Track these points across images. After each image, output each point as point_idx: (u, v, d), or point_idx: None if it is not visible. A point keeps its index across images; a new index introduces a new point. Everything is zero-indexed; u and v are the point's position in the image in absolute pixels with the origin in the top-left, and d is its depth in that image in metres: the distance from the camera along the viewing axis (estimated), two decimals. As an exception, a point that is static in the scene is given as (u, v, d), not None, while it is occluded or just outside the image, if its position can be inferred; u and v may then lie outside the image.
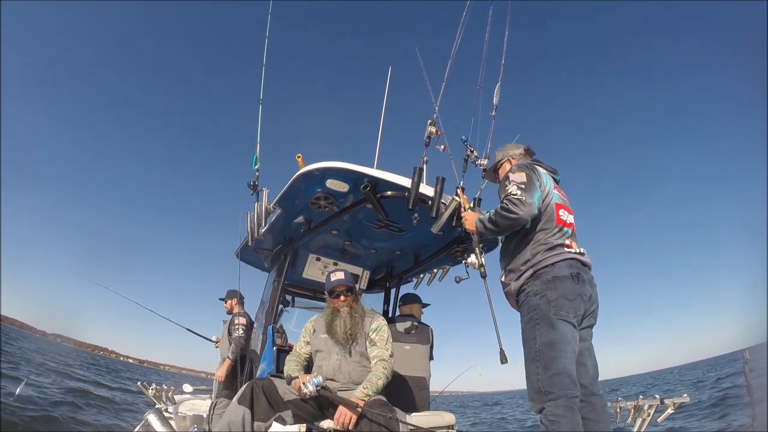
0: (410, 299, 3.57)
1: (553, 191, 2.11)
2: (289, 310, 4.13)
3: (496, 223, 2.01)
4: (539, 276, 1.95)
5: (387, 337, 2.46)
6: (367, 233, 3.19)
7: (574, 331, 1.88)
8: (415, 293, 3.74)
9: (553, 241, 1.99)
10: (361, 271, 3.77)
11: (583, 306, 1.92)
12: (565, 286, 1.89)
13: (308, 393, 2.14)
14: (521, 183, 2.00)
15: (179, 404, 4.59)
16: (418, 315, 3.47)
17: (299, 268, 3.62)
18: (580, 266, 1.98)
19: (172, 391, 5.05)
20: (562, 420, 1.69)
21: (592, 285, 2.00)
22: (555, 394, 1.74)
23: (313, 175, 2.46)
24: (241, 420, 2.13)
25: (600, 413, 1.92)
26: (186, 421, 4.16)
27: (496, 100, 2.70)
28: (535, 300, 1.92)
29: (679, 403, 2.66)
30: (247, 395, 2.20)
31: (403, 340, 3.10)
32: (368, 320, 2.52)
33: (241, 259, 3.76)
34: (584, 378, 1.91)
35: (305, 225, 3.02)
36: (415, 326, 3.21)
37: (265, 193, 2.78)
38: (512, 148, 2.42)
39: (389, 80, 3.33)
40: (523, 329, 1.96)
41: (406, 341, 3.12)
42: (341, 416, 2.07)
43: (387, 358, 2.38)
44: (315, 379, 2.17)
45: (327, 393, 2.16)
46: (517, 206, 1.93)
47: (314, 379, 2.17)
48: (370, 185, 2.47)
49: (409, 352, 3.10)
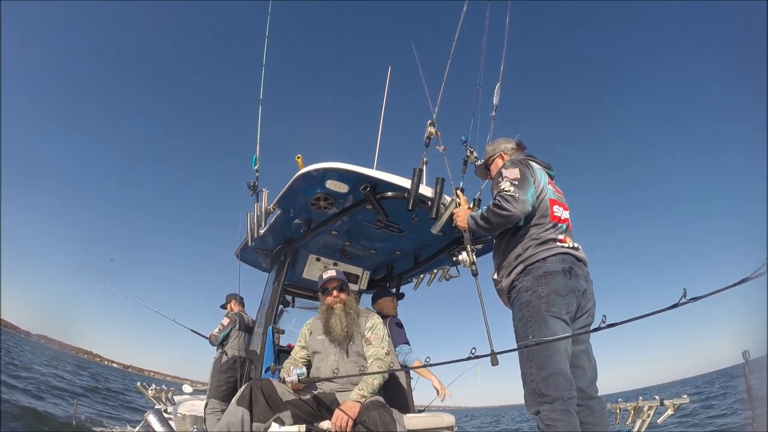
0: (378, 295, 3.48)
1: (548, 187, 2.06)
2: (289, 311, 4.14)
3: (488, 220, 1.97)
4: (530, 271, 1.89)
5: (383, 336, 2.45)
6: (367, 234, 3.19)
7: (566, 329, 1.82)
8: (383, 288, 3.69)
9: (545, 236, 1.94)
10: (361, 272, 3.77)
11: (576, 301, 1.86)
12: (556, 281, 1.83)
13: (290, 382, 2.26)
14: (514, 179, 1.95)
15: (178, 405, 4.60)
16: (390, 310, 3.40)
17: (299, 269, 3.62)
18: (574, 261, 1.92)
19: (172, 391, 5.06)
20: (559, 424, 1.65)
21: (587, 280, 1.94)
22: (551, 397, 1.69)
23: (313, 176, 2.46)
24: (240, 421, 2.13)
25: (598, 417, 1.87)
26: (185, 421, 4.17)
27: (495, 101, 2.69)
28: (526, 296, 1.86)
29: (679, 404, 2.67)
30: (246, 396, 2.20)
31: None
32: (363, 319, 2.51)
33: (241, 259, 3.76)
34: (581, 381, 1.85)
35: (305, 225, 3.02)
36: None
37: (264, 194, 2.77)
38: (503, 142, 2.36)
39: (389, 81, 3.33)
40: (516, 328, 1.91)
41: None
42: (338, 419, 2.06)
43: (383, 357, 2.36)
44: (297, 369, 2.27)
45: (307, 380, 2.27)
46: (510, 203, 1.88)
47: (296, 369, 2.27)
48: (370, 186, 2.46)
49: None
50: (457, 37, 2.71)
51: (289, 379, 2.25)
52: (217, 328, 4.57)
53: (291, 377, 2.25)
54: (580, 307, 1.90)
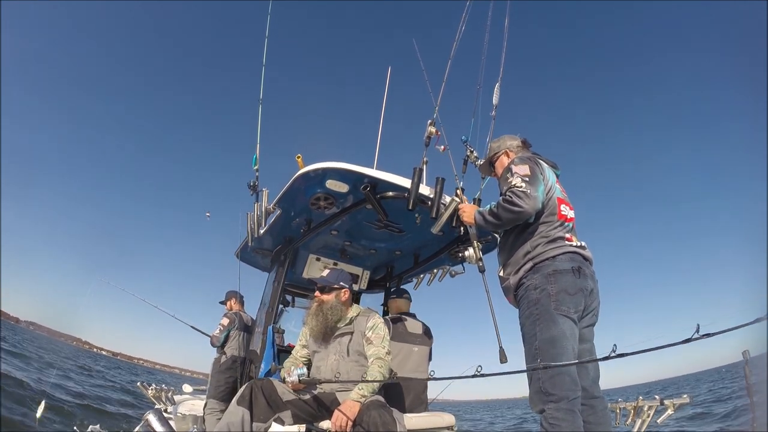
0: (399, 293, 3.48)
1: (555, 185, 2.05)
2: (289, 311, 4.14)
3: (498, 216, 1.93)
4: (539, 269, 1.87)
5: (383, 335, 2.44)
6: (367, 233, 3.19)
7: (574, 328, 1.81)
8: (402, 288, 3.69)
9: (554, 234, 1.92)
10: (361, 272, 3.77)
11: (584, 301, 1.85)
12: (566, 279, 1.82)
13: (291, 382, 2.25)
14: (525, 175, 1.92)
15: (179, 404, 4.59)
16: (407, 310, 3.41)
17: (299, 269, 3.62)
18: (582, 260, 1.91)
19: (172, 391, 5.06)
20: (563, 423, 1.64)
21: (593, 280, 1.93)
22: (556, 396, 1.68)
23: (313, 176, 2.45)
24: (240, 421, 2.12)
25: (601, 416, 1.86)
26: (185, 421, 4.17)
27: (495, 100, 2.68)
28: (534, 294, 1.84)
29: (679, 404, 2.67)
30: (246, 396, 2.20)
31: (411, 341, 3.07)
32: (364, 318, 2.50)
33: (241, 259, 3.76)
34: (585, 380, 1.83)
35: (305, 225, 3.02)
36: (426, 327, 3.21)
37: (264, 194, 2.77)
38: (509, 139, 2.33)
39: (389, 80, 3.33)
40: (523, 326, 1.89)
41: (414, 342, 3.08)
42: (337, 420, 2.05)
43: (383, 356, 2.35)
44: (298, 369, 2.27)
45: (307, 381, 2.26)
46: (522, 199, 1.85)
47: (297, 369, 2.27)
48: (370, 186, 2.46)
49: (416, 353, 3.08)
50: (459, 37, 2.71)
51: (289, 379, 2.25)
52: (217, 329, 4.50)
53: (291, 377, 2.24)
54: (586, 306, 1.89)
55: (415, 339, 3.10)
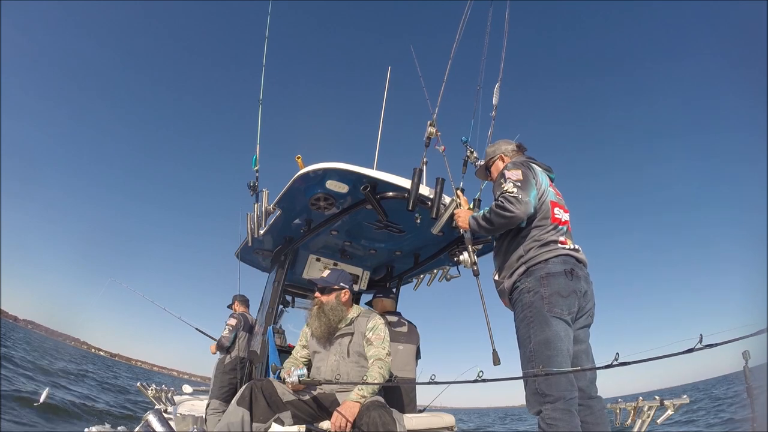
0: (386, 293, 3.48)
1: (549, 189, 2.08)
2: (289, 311, 4.14)
3: (490, 221, 1.97)
4: (532, 272, 1.90)
5: (384, 336, 2.44)
6: (367, 234, 3.19)
7: (568, 329, 1.83)
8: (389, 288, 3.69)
9: (546, 237, 1.95)
10: (361, 272, 3.77)
11: (577, 302, 1.87)
12: (558, 282, 1.84)
13: (290, 383, 2.23)
14: (517, 180, 1.96)
15: (179, 405, 4.59)
16: (393, 310, 3.41)
17: (299, 269, 3.62)
18: (575, 262, 1.94)
19: (172, 391, 5.06)
20: (561, 423, 1.65)
21: (587, 281, 1.95)
22: (553, 397, 1.70)
23: (313, 176, 2.46)
24: (240, 421, 2.13)
25: (598, 416, 1.87)
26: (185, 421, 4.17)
27: (495, 101, 2.69)
28: (528, 297, 1.87)
29: (679, 405, 2.66)
30: (246, 396, 2.20)
31: (396, 340, 3.07)
32: (364, 319, 2.51)
33: (241, 259, 3.77)
34: (582, 380, 1.85)
35: (305, 226, 3.02)
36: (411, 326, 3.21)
37: (264, 194, 2.78)
38: (504, 144, 2.36)
39: (389, 81, 3.33)
40: (518, 328, 1.91)
41: (399, 341, 3.10)
42: (337, 420, 2.05)
43: (383, 357, 2.35)
44: (298, 370, 2.25)
45: (307, 381, 2.24)
46: (514, 204, 1.88)
47: (297, 370, 2.25)
48: (370, 186, 2.46)
49: (402, 352, 3.09)
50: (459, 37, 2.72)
51: (289, 380, 2.24)
52: (226, 330, 4.51)
53: (291, 378, 2.24)
54: (581, 308, 1.91)
55: (400, 337, 3.11)
